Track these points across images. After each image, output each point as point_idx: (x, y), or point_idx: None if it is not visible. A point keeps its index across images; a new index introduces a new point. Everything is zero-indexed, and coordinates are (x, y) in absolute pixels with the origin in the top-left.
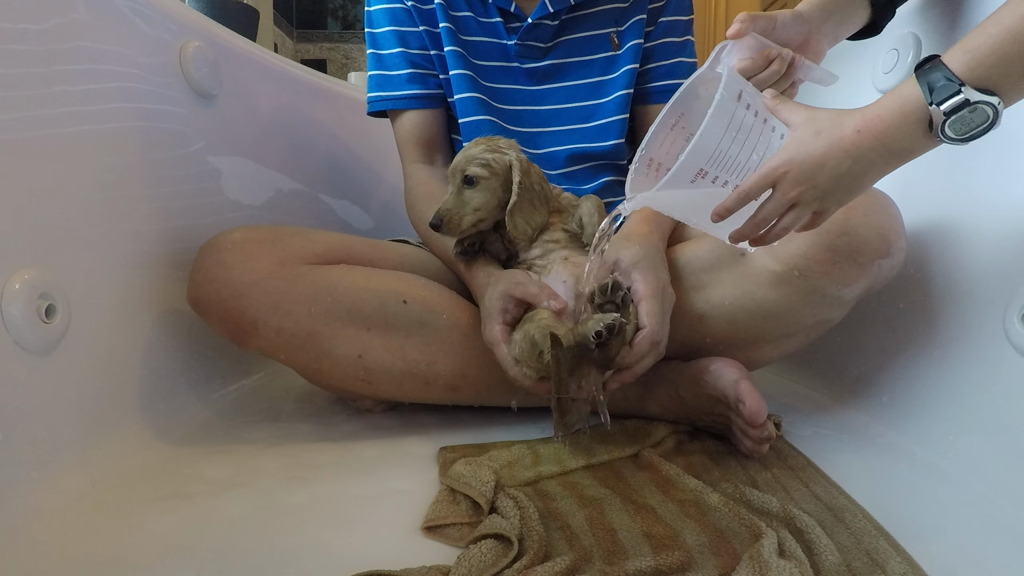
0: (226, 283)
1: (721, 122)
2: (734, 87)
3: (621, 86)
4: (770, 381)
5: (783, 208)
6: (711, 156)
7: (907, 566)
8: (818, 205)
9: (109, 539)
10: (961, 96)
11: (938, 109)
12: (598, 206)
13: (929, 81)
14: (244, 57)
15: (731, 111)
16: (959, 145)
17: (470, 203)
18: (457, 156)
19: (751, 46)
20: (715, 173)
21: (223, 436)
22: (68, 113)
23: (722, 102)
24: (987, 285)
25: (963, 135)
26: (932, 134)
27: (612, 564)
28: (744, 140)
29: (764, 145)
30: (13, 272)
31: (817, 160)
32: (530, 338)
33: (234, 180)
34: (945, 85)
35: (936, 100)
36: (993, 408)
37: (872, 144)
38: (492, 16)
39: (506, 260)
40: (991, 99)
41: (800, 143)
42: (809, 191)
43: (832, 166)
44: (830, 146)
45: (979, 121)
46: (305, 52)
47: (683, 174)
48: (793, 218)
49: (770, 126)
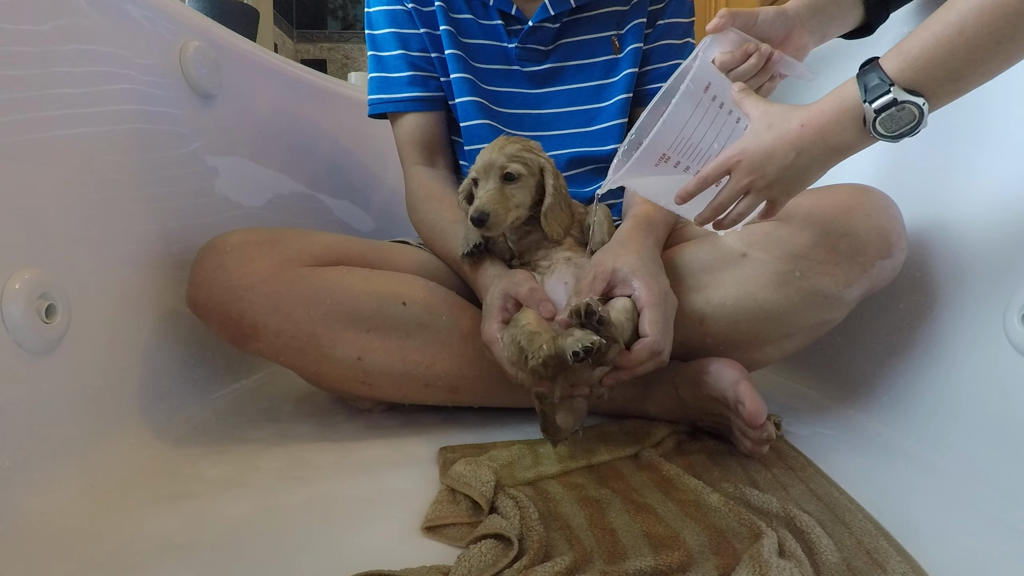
0: (225, 286)
1: (684, 111)
2: (702, 79)
3: (622, 89)
4: (770, 381)
5: (737, 195)
6: (673, 143)
7: (907, 566)
8: (768, 194)
9: (109, 539)
10: (890, 96)
11: (870, 107)
12: (607, 215)
13: (865, 81)
14: (244, 57)
15: (696, 101)
16: (891, 142)
17: (512, 199)
18: (488, 152)
19: (732, 40)
20: (677, 158)
21: (223, 436)
22: (68, 114)
23: (687, 92)
24: (987, 285)
25: (893, 132)
26: (866, 130)
27: (612, 564)
28: (707, 129)
29: (727, 134)
30: (13, 272)
31: (766, 151)
32: (516, 342)
33: (234, 180)
34: (878, 85)
35: (869, 98)
36: (993, 408)
37: (814, 138)
38: (493, 19)
39: (509, 260)
40: (917, 99)
41: (754, 134)
42: (759, 180)
43: (779, 157)
44: (777, 139)
45: (907, 120)
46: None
47: (646, 158)
48: (747, 204)
49: (735, 117)
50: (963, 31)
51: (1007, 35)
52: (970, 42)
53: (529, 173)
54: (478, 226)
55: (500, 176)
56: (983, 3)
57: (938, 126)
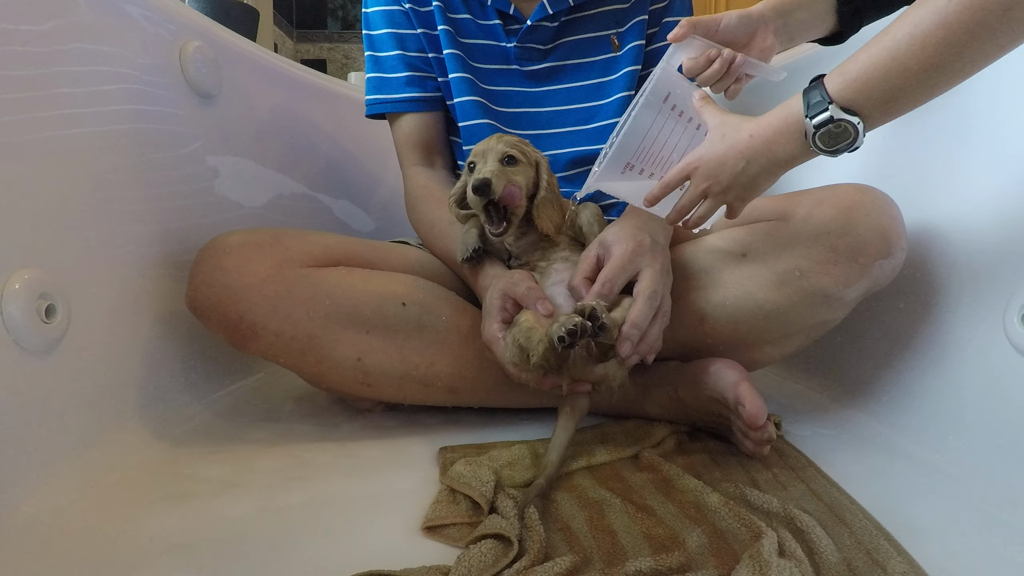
0: (224, 287)
1: (644, 122)
2: (662, 89)
3: (622, 88)
4: (770, 381)
5: (697, 199)
6: (635, 152)
7: (907, 565)
8: (723, 199)
9: (109, 539)
10: (828, 113)
11: (810, 122)
12: (596, 214)
13: (809, 98)
14: (244, 57)
15: (655, 111)
16: (829, 157)
17: (514, 178)
18: (486, 142)
19: (696, 46)
20: (640, 166)
21: (223, 436)
22: (68, 114)
23: (647, 103)
24: (987, 285)
25: (830, 147)
26: (807, 144)
27: (612, 565)
28: (667, 137)
29: (687, 142)
30: (13, 272)
31: (719, 159)
32: (516, 342)
33: (234, 180)
34: (818, 102)
35: (810, 114)
36: (993, 408)
37: (761, 148)
38: (491, 18)
39: (507, 261)
40: (852, 119)
41: (710, 143)
42: (714, 186)
43: (731, 165)
44: (729, 148)
45: (843, 137)
46: (305, 52)
47: (611, 169)
48: (707, 208)
49: (695, 124)
50: (895, 56)
51: (934, 64)
52: (902, 68)
53: (527, 163)
54: (480, 194)
55: (500, 158)
56: (914, 32)
57: (938, 126)
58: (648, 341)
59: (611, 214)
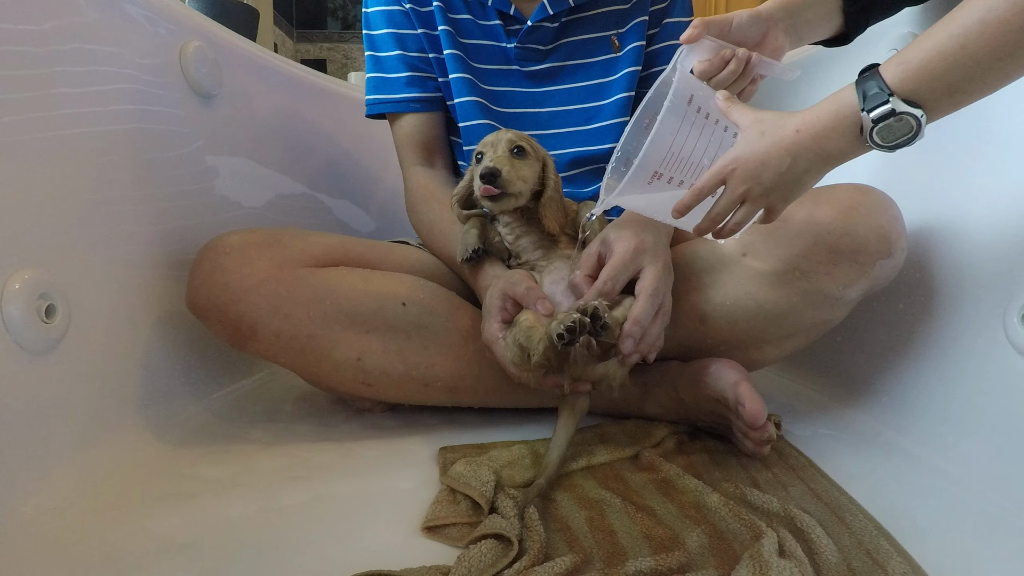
0: (224, 287)
1: (670, 127)
2: (684, 91)
3: (622, 88)
4: (770, 381)
5: (734, 204)
6: (663, 159)
7: (907, 566)
8: (765, 201)
9: (109, 539)
10: (889, 106)
11: (868, 116)
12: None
13: (864, 89)
14: (244, 57)
15: (681, 115)
16: (886, 152)
17: (521, 171)
18: (496, 134)
19: (708, 47)
20: (670, 174)
21: (223, 436)
22: (69, 114)
23: (671, 108)
24: (987, 285)
25: (889, 143)
26: (862, 139)
27: (612, 565)
28: (695, 142)
29: (716, 145)
30: (13, 272)
31: (761, 159)
32: (517, 342)
33: (234, 180)
34: (876, 94)
35: (867, 108)
36: (993, 408)
37: (810, 144)
38: (491, 19)
39: (507, 261)
40: (915, 111)
41: (747, 143)
42: (755, 187)
43: (774, 164)
44: (772, 145)
45: (904, 131)
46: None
47: (638, 178)
48: (745, 213)
49: (722, 126)
50: (965, 45)
51: (1008, 52)
52: (971, 57)
53: (535, 157)
54: (488, 181)
55: (509, 149)
56: (986, 18)
57: (939, 126)
58: (649, 339)
59: (611, 214)
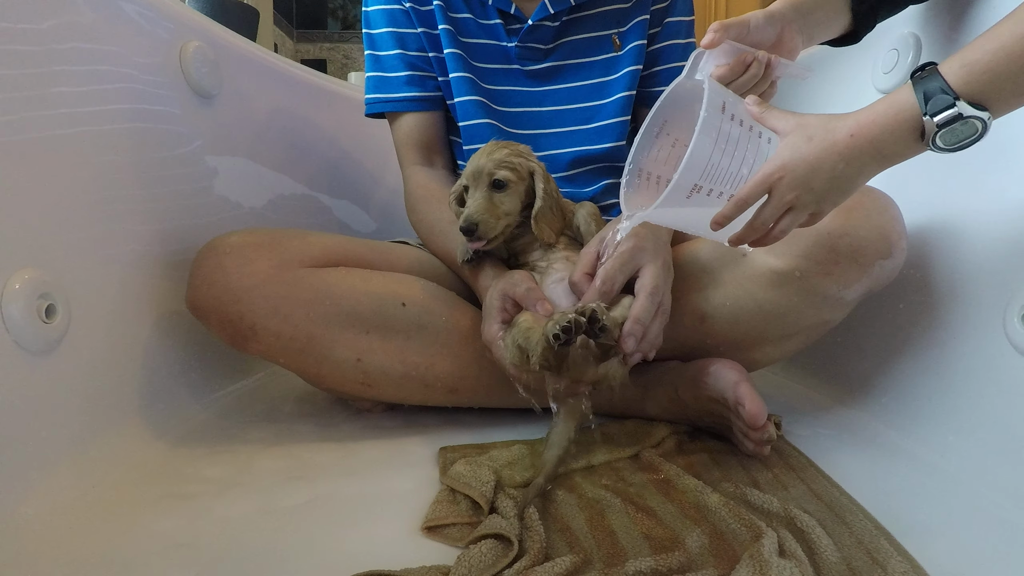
0: (224, 288)
1: (709, 138)
2: (717, 100)
3: (623, 87)
4: (770, 381)
5: (780, 212)
6: (703, 172)
7: (908, 565)
8: (815, 207)
9: (109, 539)
10: (955, 110)
11: (931, 120)
12: (593, 213)
13: (926, 91)
14: (244, 57)
15: (717, 125)
16: (946, 154)
17: (501, 207)
18: (478, 158)
19: (727, 51)
20: (709, 187)
21: (223, 436)
22: (68, 113)
23: (708, 118)
24: (987, 285)
25: (952, 145)
26: (923, 142)
27: (612, 565)
28: (733, 151)
29: (753, 153)
30: (13, 272)
31: (811, 164)
32: (516, 344)
33: (234, 180)
34: (940, 97)
35: (931, 111)
36: (993, 408)
37: (865, 147)
38: (492, 18)
39: (507, 260)
40: (982, 114)
41: (793, 149)
42: (805, 194)
43: (826, 169)
44: (824, 150)
45: (968, 133)
46: (305, 52)
47: (678, 193)
48: (790, 220)
49: (756, 132)
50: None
51: None
52: None
53: (518, 179)
54: (467, 235)
55: (488, 184)
56: None
57: None
58: (649, 338)
59: (611, 214)
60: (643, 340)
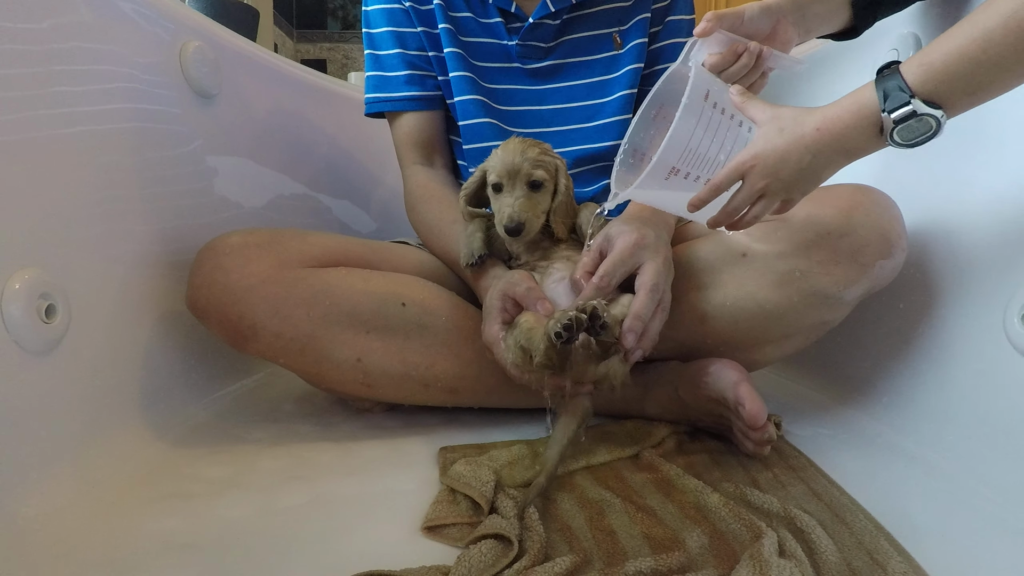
0: (224, 288)
1: (689, 123)
2: (701, 87)
3: (624, 86)
4: (770, 381)
5: (752, 198)
6: (681, 155)
7: (907, 565)
8: (784, 195)
9: (109, 539)
10: (910, 107)
11: (889, 116)
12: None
13: (885, 89)
14: (244, 57)
15: (698, 111)
16: (905, 149)
17: (539, 206)
18: (510, 156)
19: (720, 41)
20: (687, 170)
21: (223, 436)
22: (68, 113)
23: (689, 104)
24: (987, 285)
25: (909, 141)
26: (882, 138)
27: (612, 565)
28: (712, 137)
29: (732, 140)
30: (13, 272)
31: (781, 155)
32: (518, 344)
33: (234, 180)
34: (897, 95)
35: (888, 108)
36: (993, 408)
37: (830, 141)
38: (492, 17)
39: (507, 261)
40: (936, 112)
41: (766, 139)
42: (774, 183)
43: (794, 160)
44: (792, 142)
45: (923, 130)
46: (305, 52)
47: (656, 173)
48: (762, 207)
49: (737, 121)
50: (987, 48)
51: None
52: (993, 60)
53: (550, 177)
54: (512, 235)
55: (527, 183)
56: (1008, 21)
57: None
58: (649, 334)
59: (611, 213)
60: (643, 336)
